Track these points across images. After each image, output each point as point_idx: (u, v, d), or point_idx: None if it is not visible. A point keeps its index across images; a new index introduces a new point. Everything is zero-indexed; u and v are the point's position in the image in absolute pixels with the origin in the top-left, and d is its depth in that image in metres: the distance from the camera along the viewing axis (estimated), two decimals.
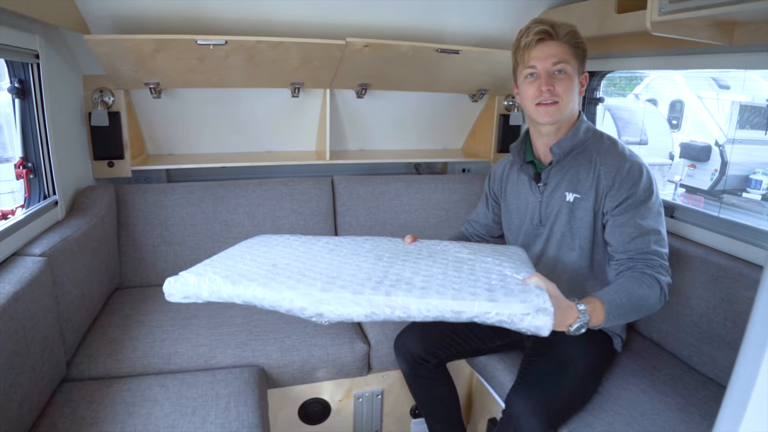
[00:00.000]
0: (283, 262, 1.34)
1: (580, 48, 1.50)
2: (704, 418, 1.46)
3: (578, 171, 1.56)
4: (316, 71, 2.20)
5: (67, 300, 1.66)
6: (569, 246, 1.61)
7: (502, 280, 1.22)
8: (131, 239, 2.20)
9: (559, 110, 1.49)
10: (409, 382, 1.82)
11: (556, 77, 1.47)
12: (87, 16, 1.91)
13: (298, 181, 2.43)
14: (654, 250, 1.44)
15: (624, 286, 1.37)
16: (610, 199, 1.49)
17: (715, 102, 5.54)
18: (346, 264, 1.33)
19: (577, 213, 1.56)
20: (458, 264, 1.34)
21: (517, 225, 1.75)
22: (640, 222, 1.45)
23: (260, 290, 1.17)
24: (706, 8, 1.39)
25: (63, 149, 1.94)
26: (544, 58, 1.47)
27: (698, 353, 1.69)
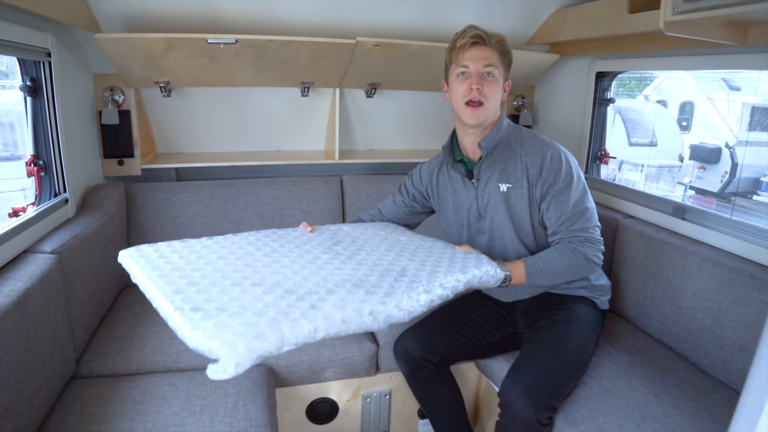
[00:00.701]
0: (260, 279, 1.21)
1: (506, 56, 1.64)
2: (716, 421, 1.44)
3: (506, 163, 1.67)
4: (325, 71, 2.20)
5: (77, 297, 1.67)
6: (512, 233, 1.69)
7: (453, 255, 1.45)
8: (140, 237, 2.21)
9: (485, 111, 1.61)
10: (411, 384, 1.83)
11: (485, 79, 1.59)
12: (98, 15, 1.92)
13: (307, 181, 2.43)
14: (580, 227, 1.60)
15: (547, 254, 1.60)
16: (539, 187, 1.63)
17: (726, 103, 5.50)
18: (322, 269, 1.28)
19: (513, 200, 1.67)
20: (398, 247, 1.51)
21: (456, 223, 1.82)
22: (566, 205, 1.60)
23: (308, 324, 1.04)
24: (721, 8, 1.37)
25: (74, 147, 1.95)
26: (476, 59, 1.59)
27: (709, 356, 1.68)
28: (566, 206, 1.60)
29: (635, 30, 1.80)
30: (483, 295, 1.87)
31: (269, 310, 1.07)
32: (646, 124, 5.84)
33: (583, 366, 1.63)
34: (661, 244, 1.88)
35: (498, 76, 1.61)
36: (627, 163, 5.59)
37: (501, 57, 1.61)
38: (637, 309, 1.96)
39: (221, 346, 0.96)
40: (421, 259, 1.41)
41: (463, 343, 1.77)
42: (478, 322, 1.79)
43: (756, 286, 1.56)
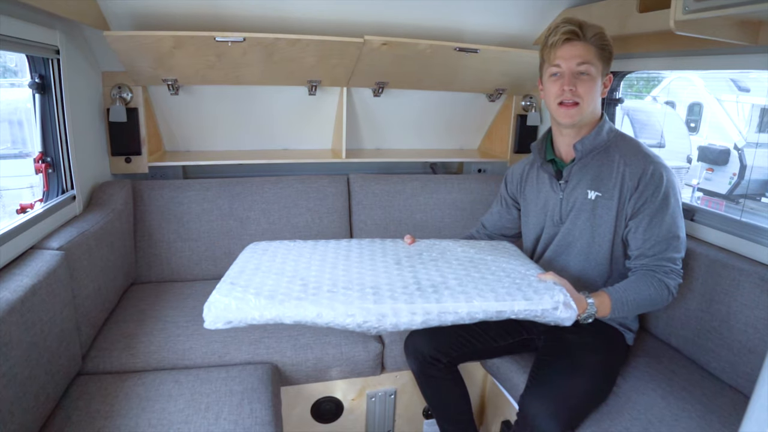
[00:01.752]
0: (311, 275, 1.40)
1: (606, 50, 1.53)
2: (724, 425, 1.43)
3: (601, 170, 1.59)
4: (333, 69, 2.19)
5: (84, 294, 1.68)
6: (585, 245, 1.64)
7: (523, 278, 1.39)
8: (147, 235, 2.22)
9: (580, 112, 1.53)
10: (420, 382, 1.81)
11: (579, 78, 1.51)
12: (107, 12, 1.93)
13: (314, 179, 2.43)
14: (669, 257, 1.52)
15: (633, 285, 1.49)
16: (633, 201, 1.54)
17: (735, 105, 5.46)
18: (373, 271, 1.42)
19: (599, 211, 1.59)
20: (473, 264, 1.48)
21: (535, 224, 1.77)
22: (660, 227, 1.51)
23: (313, 308, 1.23)
24: (732, 7, 1.35)
25: (81, 145, 1.96)
26: (569, 58, 1.51)
27: (717, 359, 1.66)
28: (659, 230, 1.51)
29: (645, 29, 1.78)
30: None
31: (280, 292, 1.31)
32: (654, 125, 5.82)
33: (607, 392, 1.57)
34: None
35: (595, 74, 1.52)
36: None
37: (599, 51, 1.52)
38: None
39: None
40: (486, 277, 1.41)
41: (474, 345, 1.74)
42: (491, 325, 1.73)
43: (765, 288, 1.54)
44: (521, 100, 2.63)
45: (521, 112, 2.64)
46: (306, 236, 2.36)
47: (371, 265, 1.48)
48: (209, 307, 1.27)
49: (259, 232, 2.31)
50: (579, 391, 1.46)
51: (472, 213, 2.53)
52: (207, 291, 2.05)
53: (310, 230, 2.37)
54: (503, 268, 1.45)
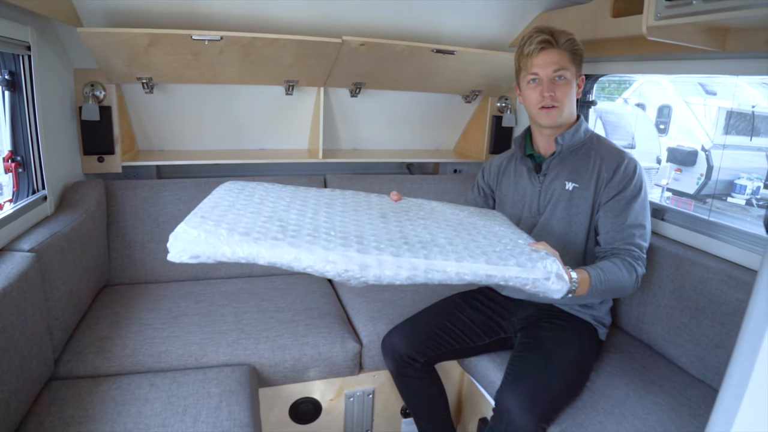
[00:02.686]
0: (290, 217, 1.28)
1: (577, 54, 1.61)
2: (693, 417, 1.47)
3: (578, 164, 1.68)
4: (311, 69, 2.19)
5: (56, 296, 1.64)
6: (562, 235, 1.70)
7: (515, 245, 1.34)
8: (121, 236, 2.18)
9: (560, 113, 1.62)
10: (397, 381, 1.83)
11: (556, 83, 1.59)
12: (80, 8, 1.89)
13: (290, 180, 2.41)
14: (637, 243, 1.58)
15: (609, 267, 1.50)
16: (607, 191, 1.62)
17: (702, 107, 5.64)
18: (357, 221, 1.33)
19: (575, 201, 1.67)
20: (463, 227, 1.43)
21: (511, 215, 1.80)
22: (629, 216, 1.59)
23: (291, 250, 1.10)
24: (702, 14, 1.40)
25: (53, 143, 1.91)
26: (545, 65, 1.58)
27: (686, 354, 1.71)
28: (627, 217, 1.59)
29: (618, 34, 1.83)
30: (474, 296, 1.88)
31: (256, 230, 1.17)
32: (625, 127, 5.96)
33: (581, 385, 1.61)
34: None
35: (570, 77, 1.60)
36: None
37: (571, 56, 1.59)
38: (616, 308, 1.99)
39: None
40: (477, 240, 1.33)
41: (451, 344, 1.77)
42: (468, 325, 1.79)
43: (732, 285, 1.60)
44: (497, 102, 2.66)
45: (497, 114, 2.67)
46: None
47: (355, 216, 1.38)
48: (176, 237, 1.12)
49: None
50: (553, 385, 1.50)
51: None
52: (182, 292, 2.09)
53: None
54: (495, 233, 1.41)
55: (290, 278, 2.30)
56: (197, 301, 2.01)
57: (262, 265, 1.95)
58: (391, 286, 1.90)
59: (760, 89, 4.92)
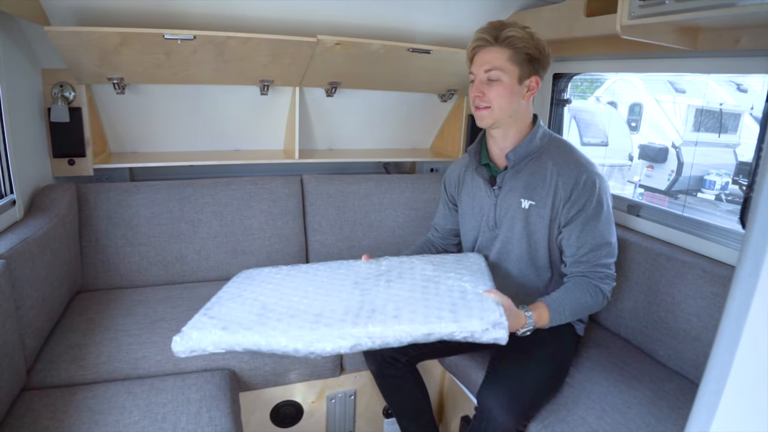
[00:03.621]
0: (271, 302, 1.41)
1: (522, 52, 1.51)
2: (672, 410, 1.50)
3: (533, 177, 1.61)
4: (286, 69, 2.16)
5: (27, 304, 1.58)
6: (524, 251, 1.67)
7: (462, 297, 1.36)
8: (94, 240, 2.12)
9: (492, 115, 1.56)
10: (379, 382, 1.81)
11: (488, 83, 1.54)
12: (47, 6, 1.83)
13: (267, 180, 2.39)
14: (602, 263, 1.56)
15: (569, 293, 1.53)
16: (566, 211, 1.57)
17: (672, 105, 5.79)
18: (328, 296, 1.42)
19: (532, 219, 1.62)
20: (425, 283, 1.46)
21: (472, 226, 1.80)
22: (592, 235, 1.55)
23: (256, 337, 1.25)
24: (674, 13, 1.43)
25: (21, 146, 1.85)
26: (479, 64, 1.55)
27: (664, 347, 1.75)
28: (591, 237, 1.54)
29: (592, 33, 1.85)
30: None
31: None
32: (598, 125, 6.07)
33: (560, 381, 1.62)
34: (618, 240, 1.94)
35: (507, 78, 1.52)
36: None
37: (513, 55, 1.51)
38: None
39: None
40: (428, 299, 1.38)
41: (433, 344, 1.75)
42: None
43: (707, 279, 1.64)
44: None
45: (471, 112, 2.68)
46: (259, 238, 2.32)
47: (331, 290, 1.46)
48: (181, 336, 1.30)
49: (211, 234, 2.25)
50: (533, 382, 1.51)
51: (425, 212, 2.55)
52: (158, 297, 2.05)
53: (263, 232, 2.33)
54: (451, 287, 1.43)
55: None
56: (174, 306, 1.97)
57: (239, 267, 2.15)
58: None
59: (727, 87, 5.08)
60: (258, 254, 2.31)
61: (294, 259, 2.37)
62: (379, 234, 2.47)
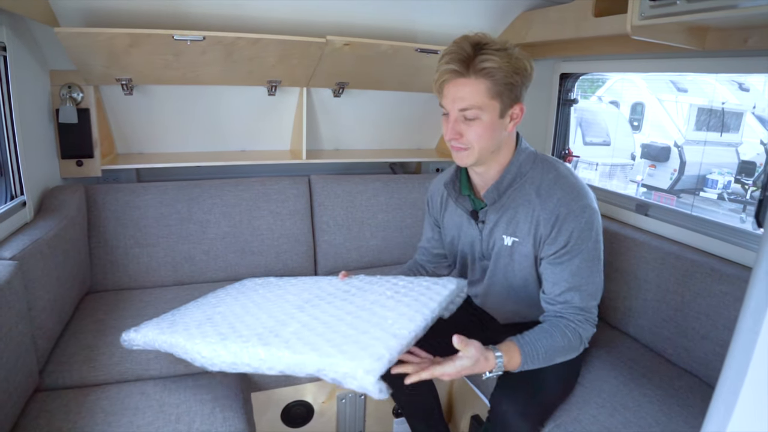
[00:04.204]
0: (220, 316, 1.48)
1: (500, 83, 1.30)
2: (683, 407, 1.51)
3: (516, 212, 1.47)
4: (293, 69, 2.17)
5: (39, 306, 1.58)
6: (517, 283, 1.57)
7: (365, 332, 1.17)
8: (102, 241, 2.12)
9: (471, 155, 1.38)
10: (387, 384, 1.78)
11: (465, 122, 1.34)
12: (56, 7, 1.83)
13: (275, 181, 2.39)
14: (583, 306, 1.42)
15: (545, 336, 1.38)
16: (547, 247, 1.43)
17: (674, 104, 5.81)
18: (263, 315, 1.42)
19: (516, 256, 1.51)
20: (360, 312, 1.29)
21: (461, 251, 1.68)
22: (573, 275, 1.40)
23: (179, 341, 1.37)
24: (685, 14, 1.44)
25: (30, 147, 1.85)
26: (452, 100, 1.33)
27: (673, 346, 1.75)
28: (568, 275, 1.40)
29: (600, 33, 1.85)
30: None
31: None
32: (600, 124, 6.09)
33: (572, 384, 1.61)
34: (626, 239, 1.95)
35: (486, 116, 1.32)
36: (582, 161, 5.80)
37: (491, 86, 1.29)
38: (603, 303, 2.01)
39: None
40: (337, 329, 1.22)
41: (443, 347, 1.75)
42: (458, 326, 1.72)
43: (716, 277, 1.64)
44: None
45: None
46: (268, 238, 2.32)
47: (275, 308, 1.45)
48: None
49: (220, 235, 2.26)
50: (547, 386, 1.48)
51: None
52: (167, 297, 2.05)
53: (272, 232, 2.33)
54: (380, 316, 1.25)
55: None
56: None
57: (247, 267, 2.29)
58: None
59: (729, 86, 5.10)
60: (266, 254, 2.32)
61: (302, 258, 2.38)
62: (388, 234, 2.47)
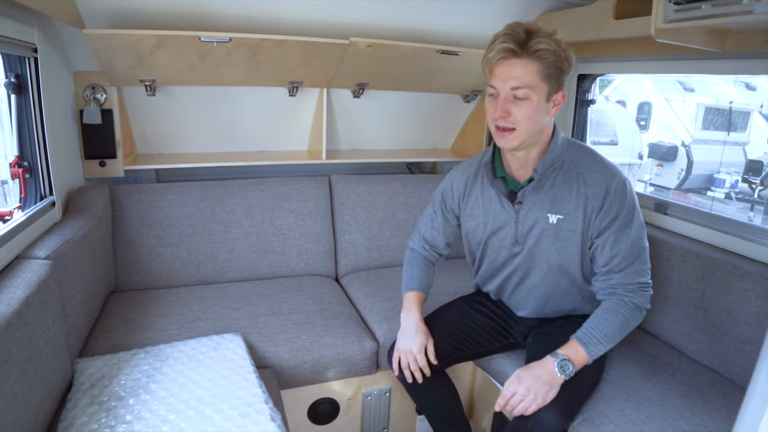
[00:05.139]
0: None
1: (551, 66, 1.36)
2: (706, 402, 1.55)
3: (559, 190, 1.50)
4: (316, 70, 2.19)
5: (72, 305, 1.60)
6: (557, 266, 1.58)
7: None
8: (126, 241, 2.13)
9: (517, 138, 1.41)
10: (408, 388, 1.78)
11: (515, 102, 1.37)
12: (83, 9, 1.84)
13: (296, 181, 2.41)
14: (637, 269, 1.49)
15: (599, 320, 1.47)
16: (598, 221, 1.48)
17: (681, 104, 5.86)
18: None
19: (563, 234, 1.52)
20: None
21: (484, 239, 1.67)
22: (626, 242, 1.47)
23: None
24: (710, 18, 1.47)
25: (57, 148, 1.86)
26: (504, 79, 1.37)
27: (694, 342, 1.79)
28: (624, 245, 1.46)
29: (622, 35, 1.89)
30: (479, 301, 1.83)
31: None
32: (607, 123, 6.12)
33: (598, 379, 1.62)
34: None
35: (535, 97, 1.36)
36: None
37: (543, 69, 1.35)
38: None
39: None
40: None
41: (462, 351, 1.75)
42: (478, 331, 1.76)
43: (737, 275, 1.68)
44: None
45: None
46: (289, 238, 2.35)
47: None
48: None
49: (243, 234, 2.28)
50: (577, 384, 1.48)
51: None
52: (192, 297, 2.07)
53: (293, 232, 2.35)
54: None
55: (298, 280, 2.31)
56: (210, 305, 1.99)
57: (270, 266, 2.28)
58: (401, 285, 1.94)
59: (735, 86, 5.14)
60: (288, 254, 2.34)
61: (323, 258, 2.40)
62: (407, 233, 2.49)
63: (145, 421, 1.36)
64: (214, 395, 1.46)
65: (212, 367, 1.58)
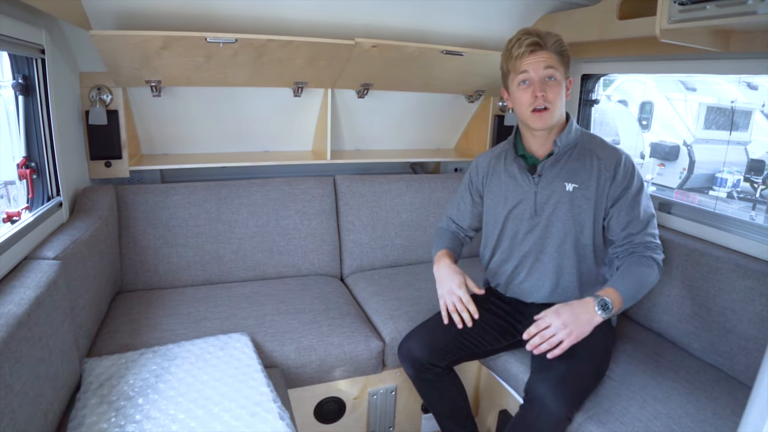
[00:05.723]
0: None
1: (564, 55, 1.64)
2: (710, 399, 1.56)
3: (575, 164, 1.70)
4: (321, 71, 2.19)
5: (80, 305, 1.61)
6: (571, 234, 1.71)
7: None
8: (132, 241, 2.14)
9: (551, 116, 1.63)
10: (417, 385, 1.83)
11: (547, 83, 1.61)
12: (89, 10, 1.85)
13: (301, 181, 2.42)
14: (651, 232, 1.67)
15: (630, 271, 1.61)
16: (612, 190, 1.67)
17: (683, 103, 5.86)
18: None
19: (577, 201, 1.69)
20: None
21: (499, 216, 1.82)
22: (638, 210, 1.66)
23: None
24: (715, 18, 1.48)
25: (63, 149, 1.87)
26: (537, 63, 1.60)
27: (698, 340, 1.80)
28: (638, 211, 1.65)
29: (626, 36, 1.89)
30: (487, 299, 1.86)
31: None
32: (609, 123, 6.12)
33: (603, 373, 1.66)
34: None
35: (560, 78, 1.62)
36: None
37: (560, 58, 1.61)
38: None
39: None
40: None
41: (471, 349, 1.78)
42: (486, 329, 1.79)
43: (741, 273, 1.69)
44: (498, 101, 2.71)
45: (498, 113, 2.73)
46: (295, 238, 2.36)
47: None
48: None
49: (248, 234, 2.28)
50: (581, 372, 1.55)
51: None
52: (198, 297, 2.08)
53: (299, 232, 2.36)
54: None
55: (304, 280, 2.32)
56: (216, 305, 2.00)
57: (275, 266, 2.29)
58: (406, 284, 1.93)
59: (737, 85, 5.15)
60: (293, 254, 2.35)
61: (328, 258, 2.42)
62: (412, 233, 2.51)
63: (155, 420, 1.37)
64: (223, 394, 1.46)
65: (220, 367, 1.59)
